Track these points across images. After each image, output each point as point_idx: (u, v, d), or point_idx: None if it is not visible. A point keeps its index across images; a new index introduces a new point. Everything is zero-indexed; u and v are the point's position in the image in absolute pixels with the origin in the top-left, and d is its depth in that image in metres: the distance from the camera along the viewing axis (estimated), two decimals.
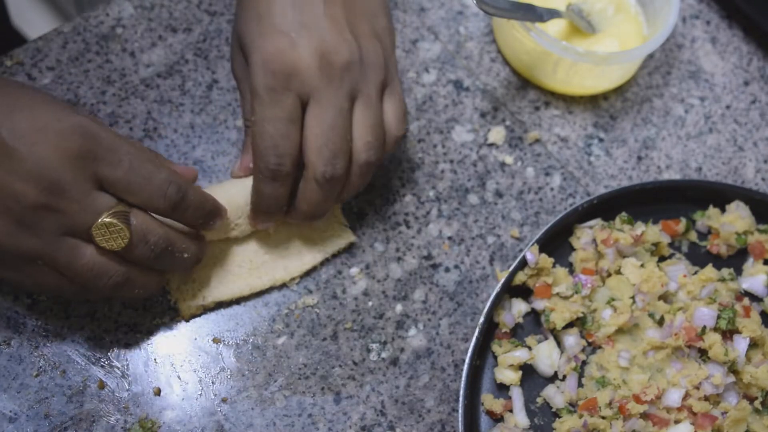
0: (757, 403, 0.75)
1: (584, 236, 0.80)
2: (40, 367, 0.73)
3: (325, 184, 0.71)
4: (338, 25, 0.71)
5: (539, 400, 0.76)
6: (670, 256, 0.81)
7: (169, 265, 0.70)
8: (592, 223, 0.80)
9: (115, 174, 0.65)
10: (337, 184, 0.72)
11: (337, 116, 0.70)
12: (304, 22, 0.70)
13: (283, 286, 0.78)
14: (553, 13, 0.84)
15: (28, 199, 0.63)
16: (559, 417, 0.75)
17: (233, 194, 0.74)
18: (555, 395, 0.75)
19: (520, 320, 0.77)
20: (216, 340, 0.76)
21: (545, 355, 0.76)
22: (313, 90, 0.70)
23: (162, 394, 0.74)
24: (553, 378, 0.77)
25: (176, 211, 0.69)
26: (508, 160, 0.85)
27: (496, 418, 0.75)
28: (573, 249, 0.81)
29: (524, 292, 0.78)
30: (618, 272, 0.79)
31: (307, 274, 0.79)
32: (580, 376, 0.76)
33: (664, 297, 0.78)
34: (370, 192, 0.82)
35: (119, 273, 0.67)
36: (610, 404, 0.73)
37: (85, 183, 0.64)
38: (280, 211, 0.74)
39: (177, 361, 0.75)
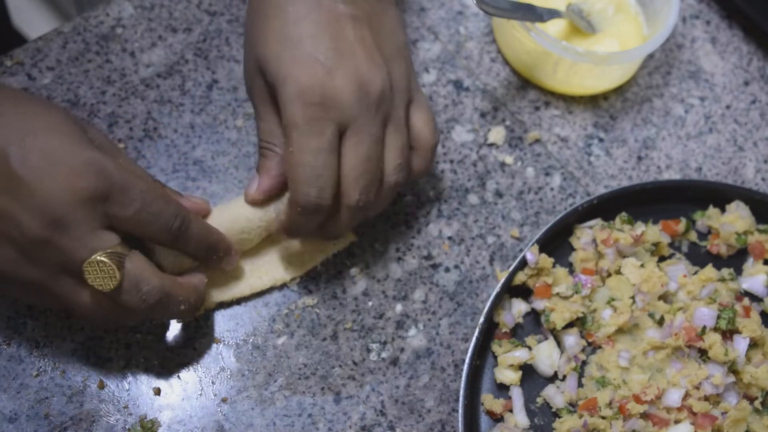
0: (757, 403, 0.75)
1: (584, 236, 0.80)
2: (40, 367, 0.73)
3: (357, 211, 0.72)
4: (369, 49, 0.71)
5: (539, 400, 0.76)
6: (670, 256, 0.81)
7: (161, 316, 0.69)
8: (592, 223, 0.80)
9: (126, 213, 0.65)
10: (368, 209, 0.73)
11: (372, 145, 0.70)
12: (337, 49, 0.69)
13: (283, 286, 0.78)
14: (553, 13, 0.84)
15: (31, 232, 0.62)
16: (559, 417, 0.75)
17: (245, 221, 0.74)
18: (555, 395, 0.75)
19: (520, 320, 0.77)
20: (216, 340, 0.76)
21: (545, 355, 0.76)
22: (350, 120, 0.69)
23: (162, 394, 0.74)
24: (553, 378, 0.77)
25: (178, 242, 0.68)
26: (508, 160, 0.85)
27: (496, 418, 0.75)
28: (573, 249, 0.81)
29: (524, 292, 0.78)
30: (618, 272, 0.79)
31: (307, 274, 0.79)
32: (580, 376, 0.76)
33: (664, 297, 0.78)
34: None
35: (114, 319, 0.67)
36: (610, 404, 0.73)
37: (92, 222, 0.64)
38: (310, 234, 0.74)
39: (177, 361, 0.75)
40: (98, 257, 0.63)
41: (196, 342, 0.76)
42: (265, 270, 0.77)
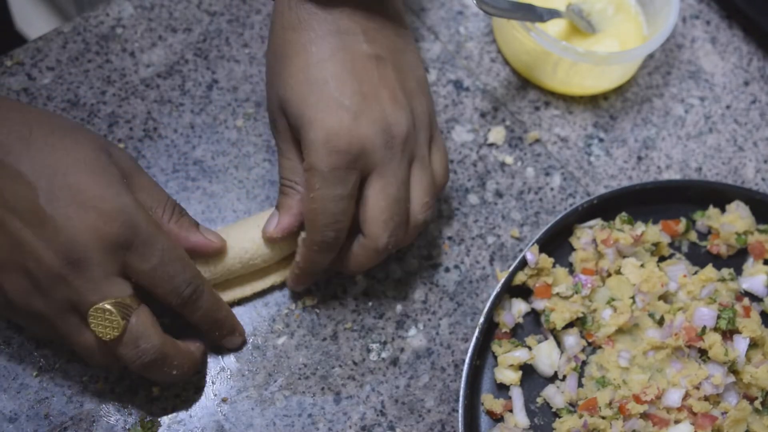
0: (757, 403, 0.75)
1: (584, 236, 0.80)
2: (40, 367, 0.73)
3: (384, 252, 0.71)
4: (393, 90, 0.70)
5: (539, 400, 0.76)
6: (670, 256, 0.81)
7: (152, 374, 0.69)
8: (592, 223, 0.80)
9: (143, 267, 0.65)
10: (394, 248, 0.72)
11: (400, 189, 0.70)
12: (363, 92, 0.69)
13: (284, 286, 0.78)
14: (553, 13, 0.84)
15: (49, 267, 0.63)
16: (559, 417, 0.75)
17: (261, 261, 0.75)
18: (555, 395, 0.75)
19: (520, 320, 0.77)
20: None
21: (545, 355, 0.76)
22: (376, 164, 0.69)
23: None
24: (553, 378, 0.77)
25: (186, 309, 0.69)
26: (508, 160, 0.85)
27: (496, 418, 0.75)
28: (573, 249, 0.81)
29: (524, 292, 0.78)
30: (618, 272, 0.79)
31: None
32: (580, 376, 0.76)
33: (664, 297, 0.78)
34: None
35: (110, 363, 0.67)
36: (610, 404, 0.73)
37: (109, 267, 0.64)
38: (321, 272, 0.74)
39: None
40: (106, 305, 0.64)
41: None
42: (266, 270, 0.77)
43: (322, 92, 0.68)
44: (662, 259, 0.81)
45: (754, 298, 0.80)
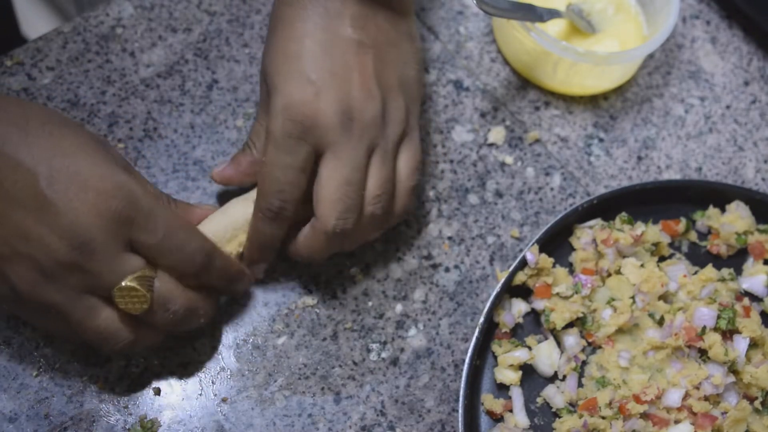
0: (757, 403, 0.75)
1: (584, 236, 0.80)
2: (40, 367, 0.73)
3: (333, 237, 0.72)
4: (366, 76, 0.71)
5: (539, 400, 0.76)
6: (670, 256, 0.81)
7: (184, 328, 0.70)
8: (592, 223, 0.80)
9: (150, 240, 0.65)
10: (344, 236, 0.72)
11: (353, 172, 0.70)
12: (333, 72, 0.70)
13: (283, 286, 0.78)
14: (553, 13, 0.84)
15: (58, 255, 0.63)
16: (559, 417, 0.75)
17: (239, 220, 0.74)
18: (555, 395, 0.75)
19: (520, 320, 0.77)
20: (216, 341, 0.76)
21: (545, 355, 0.76)
22: (330, 143, 0.70)
23: (162, 394, 0.74)
24: (553, 378, 0.77)
25: (201, 276, 0.69)
26: (508, 160, 0.85)
27: (496, 418, 0.75)
28: (573, 249, 0.81)
29: (524, 292, 0.78)
30: (618, 272, 0.79)
31: (307, 273, 0.79)
32: (580, 376, 0.76)
33: (664, 297, 0.78)
34: None
35: (128, 340, 0.67)
36: (610, 404, 0.73)
37: (116, 245, 0.64)
38: (274, 251, 0.74)
39: (177, 361, 0.75)
40: (128, 282, 0.64)
41: (196, 342, 0.76)
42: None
43: (294, 65, 0.70)
44: (662, 259, 0.81)
45: (754, 298, 0.80)
